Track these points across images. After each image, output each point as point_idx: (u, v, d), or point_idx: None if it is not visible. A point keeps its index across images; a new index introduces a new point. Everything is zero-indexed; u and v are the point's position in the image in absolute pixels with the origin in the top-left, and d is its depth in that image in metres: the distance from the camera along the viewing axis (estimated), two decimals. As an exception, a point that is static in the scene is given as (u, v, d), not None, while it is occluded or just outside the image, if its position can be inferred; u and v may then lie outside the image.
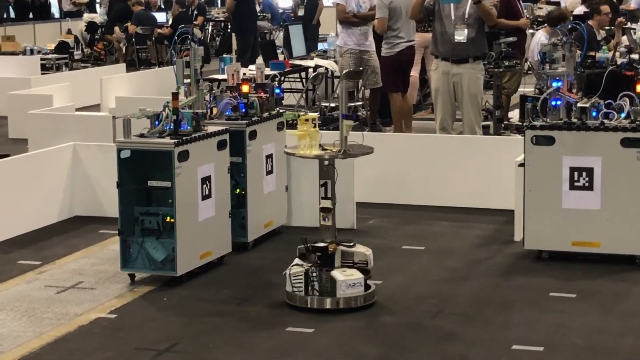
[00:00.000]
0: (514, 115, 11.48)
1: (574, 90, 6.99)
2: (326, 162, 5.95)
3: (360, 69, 10.93)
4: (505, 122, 10.81)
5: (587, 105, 6.54)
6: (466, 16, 8.92)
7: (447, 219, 7.74)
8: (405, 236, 7.34)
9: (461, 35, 8.89)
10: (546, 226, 6.56)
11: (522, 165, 6.67)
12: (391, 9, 10.33)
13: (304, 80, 11.97)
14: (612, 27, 12.25)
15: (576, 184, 6.49)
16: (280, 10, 22.55)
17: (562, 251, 6.56)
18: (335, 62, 11.48)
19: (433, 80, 9.24)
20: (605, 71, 8.27)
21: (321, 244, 5.94)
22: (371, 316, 5.68)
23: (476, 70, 9.09)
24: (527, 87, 11.52)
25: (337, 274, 5.79)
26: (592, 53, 10.52)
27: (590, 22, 11.80)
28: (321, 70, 11.55)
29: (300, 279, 5.80)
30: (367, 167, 7.88)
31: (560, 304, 5.82)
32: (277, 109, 7.36)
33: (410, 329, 5.49)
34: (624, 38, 11.39)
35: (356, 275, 5.80)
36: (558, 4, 18.28)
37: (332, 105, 10.23)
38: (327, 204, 6.01)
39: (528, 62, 11.86)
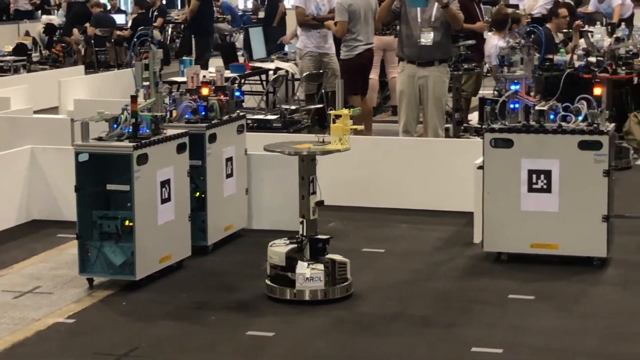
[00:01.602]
0: (474, 117, 11.54)
1: (532, 93, 7.03)
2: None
3: (321, 71, 10.97)
4: (465, 125, 10.86)
5: (545, 108, 6.58)
6: (432, 19, 8.94)
7: (407, 222, 7.76)
8: (365, 239, 7.35)
9: (427, 39, 8.91)
10: (505, 228, 6.59)
11: (481, 167, 6.70)
12: (350, 12, 10.34)
13: (264, 83, 11.96)
14: (570, 30, 12.34)
15: (534, 186, 6.53)
16: (240, 12, 22.51)
17: (520, 253, 6.60)
18: (296, 64, 11.48)
19: (398, 83, 9.25)
20: (563, 74, 8.34)
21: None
22: (332, 319, 5.68)
23: (442, 73, 9.12)
24: (487, 90, 11.57)
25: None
26: (550, 56, 10.60)
27: (548, 25, 11.89)
28: (281, 72, 11.54)
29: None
30: (327, 169, 7.86)
31: (519, 305, 5.85)
32: (237, 111, 7.35)
33: (371, 331, 5.49)
34: (582, 41, 11.48)
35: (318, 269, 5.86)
36: (516, 6, 18.40)
37: (293, 107, 10.21)
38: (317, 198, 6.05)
39: (487, 65, 11.93)
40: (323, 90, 11.18)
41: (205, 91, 7.07)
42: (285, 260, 5.92)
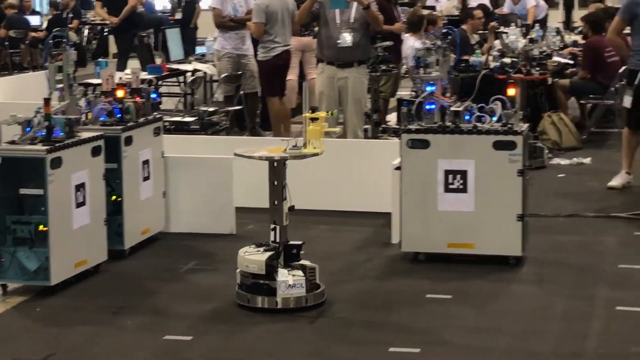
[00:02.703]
0: (392, 118, 11.62)
1: (448, 94, 7.10)
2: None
3: (239, 72, 10.94)
4: (383, 126, 10.92)
5: (460, 109, 6.65)
6: (352, 20, 8.97)
7: (326, 223, 7.77)
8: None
9: (347, 40, 8.94)
10: (422, 228, 6.65)
11: (398, 168, 6.75)
12: (268, 14, 10.32)
13: (182, 85, 11.88)
14: (486, 32, 12.50)
15: (451, 186, 6.59)
16: (158, 14, 22.32)
17: (438, 253, 6.66)
18: (214, 66, 11.43)
19: (318, 84, 9.27)
20: (478, 75, 8.44)
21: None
22: (249, 321, 5.66)
23: (361, 74, 9.17)
24: (404, 91, 11.66)
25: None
26: (466, 57, 10.73)
27: (464, 26, 12.05)
28: (199, 74, 11.48)
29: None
30: (246, 171, 7.85)
31: (436, 305, 5.90)
32: (154, 113, 7.29)
33: (290, 333, 5.49)
34: (497, 42, 11.63)
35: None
36: (433, 8, 18.58)
37: (211, 109, 10.17)
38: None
39: (404, 66, 12.02)
40: (242, 92, 11.16)
41: (120, 93, 6.99)
42: (265, 268, 5.79)
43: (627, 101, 8.74)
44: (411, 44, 10.98)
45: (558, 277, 6.38)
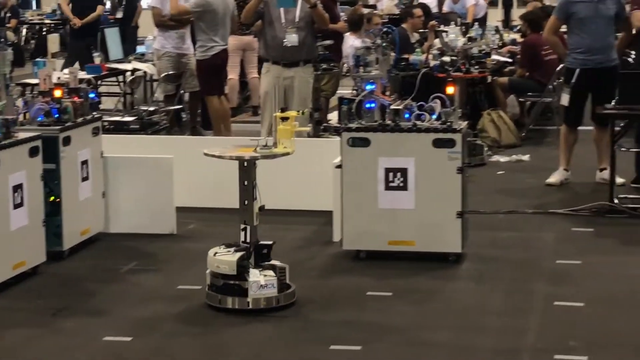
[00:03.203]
0: (333, 117, 11.61)
1: (388, 93, 7.14)
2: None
3: (179, 72, 10.89)
4: (324, 125, 10.92)
5: (400, 107, 6.68)
6: (297, 20, 8.95)
7: (268, 222, 7.67)
8: (225, 240, 7.25)
9: (293, 39, 8.93)
10: (363, 226, 6.67)
11: (339, 166, 6.76)
12: (209, 12, 10.26)
13: (121, 84, 11.79)
14: (426, 30, 12.58)
15: (391, 184, 6.62)
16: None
17: (379, 250, 6.69)
18: (154, 65, 11.36)
19: (263, 84, 9.23)
20: (419, 73, 8.50)
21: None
22: (189, 319, 5.64)
23: (307, 73, 9.17)
24: (346, 90, 11.68)
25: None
26: (406, 56, 10.78)
27: (404, 25, 12.10)
28: (139, 73, 11.41)
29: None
30: (187, 171, 7.84)
31: (377, 302, 5.93)
32: (93, 113, 7.23)
33: (230, 332, 5.48)
34: (437, 41, 11.71)
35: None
36: (374, 7, 18.65)
37: (151, 109, 10.11)
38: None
39: (345, 65, 12.05)
40: (182, 91, 11.11)
41: (58, 93, 6.92)
42: (236, 269, 5.74)
43: (565, 99, 8.85)
44: (351, 42, 11.01)
45: (497, 273, 6.45)
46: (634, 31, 9.03)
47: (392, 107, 6.67)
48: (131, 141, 8.44)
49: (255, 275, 5.74)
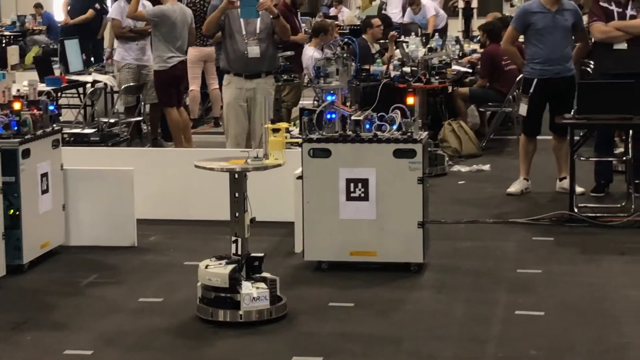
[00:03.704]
0: (295, 128, 11.62)
1: (349, 104, 7.15)
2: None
3: (140, 83, 10.86)
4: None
5: (361, 118, 6.70)
6: (258, 31, 8.95)
7: (229, 233, 7.72)
8: (187, 252, 7.30)
9: (255, 51, 8.92)
10: (325, 237, 6.67)
11: (300, 177, 6.77)
12: (169, 24, 10.24)
13: (82, 96, 11.74)
14: (387, 41, 12.63)
15: (352, 194, 6.63)
16: (60, 24, 21.99)
17: (340, 261, 6.69)
18: (114, 77, 11.32)
19: (226, 96, 9.21)
20: (379, 84, 8.53)
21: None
22: (151, 332, 5.61)
23: (269, 85, 9.18)
24: (307, 100, 11.71)
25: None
26: (367, 66, 10.82)
27: (364, 35, 12.14)
28: (99, 85, 11.36)
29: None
30: (148, 183, 7.81)
31: (339, 313, 5.93)
32: (53, 125, 7.18)
33: (189, 343, 5.45)
34: (397, 51, 11.76)
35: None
36: (335, 18, 18.71)
37: (112, 120, 10.08)
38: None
39: (307, 76, 12.07)
40: (142, 103, 11.08)
41: (17, 105, 6.88)
42: (228, 282, 5.70)
43: (523, 109, 8.92)
44: (311, 53, 11.03)
45: (458, 283, 6.48)
46: (592, 42, 9.12)
47: (353, 117, 6.69)
48: (91, 153, 8.40)
49: (248, 288, 5.71)
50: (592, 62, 10.00)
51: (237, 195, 5.87)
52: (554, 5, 8.80)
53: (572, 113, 8.37)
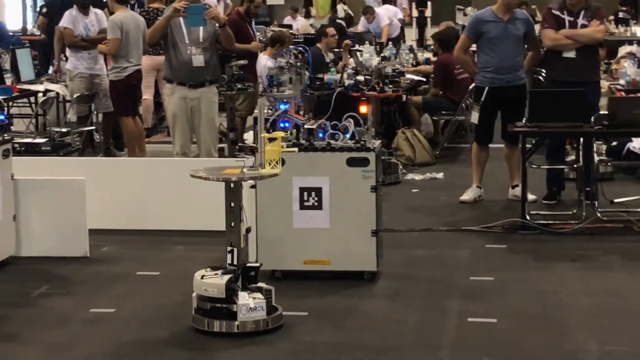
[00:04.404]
0: (249, 137, 11.61)
1: (302, 112, 7.16)
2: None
3: (92, 92, 10.79)
4: (240, 144, 10.92)
5: (314, 126, 6.70)
6: (201, 40, 8.93)
7: (182, 243, 7.71)
8: (140, 262, 7.25)
9: (199, 60, 8.89)
10: (278, 246, 6.66)
11: (253, 186, 6.75)
12: (122, 32, 10.20)
13: (33, 105, 11.63)
14: (341, 50, 12.66)
15: (306, 203, 6.63)
16: (12, 33, 21.79)
17: (294, 270, 6.68)
18: (66, 86, 11.23)
19: (170, 106, 9.16)
20: (334, 93, 8.54)
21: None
22: (102, 342, 5.56)
23: (213, 94, 9.15)
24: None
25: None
26: (321, 75, 10.83)
27: (318, 44, 12.17)
28: (51, 94, 11.26)
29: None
30: (100, 192, 7.75)
31: (293, 322, 5.90)
32: (4, 135, 7.11)
33: (149, 356, 5.41)
34: (351, 60, 11.79)
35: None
36: (290, 27, 18.72)
37: (64, 130, 9.99)
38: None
39: (261, 85, 12.05)
40: (95, 112, 11.00)
41: (-35, 115, 6.80)
42: (225, 292, 5.64)
43: (475, 117, 8.97)
44: (264, 62, 11.02)
45: (412, 291, 6.49)
46: (543, 50, 9.21)
47: (306, 126, 6.69)
48: (43, 163, 8.31)
49: (245, 298, 5.66)
50: (543, 70, 10.11)
51: (232, 204, 5.79)
52: (506, 14, 8.87)
53: (523, 121, 8.44)
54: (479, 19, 9.01)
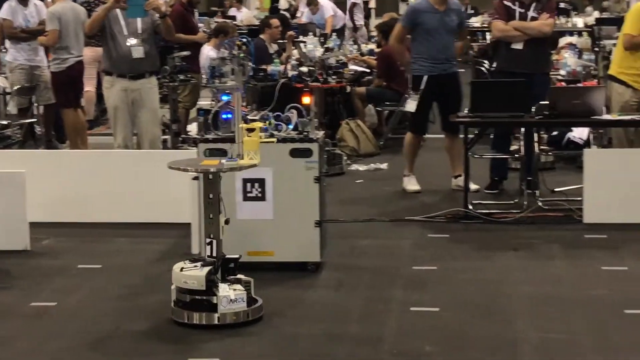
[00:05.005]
0: (193, 128, 11.54)
1: (245, 103, 7.11)
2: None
3: (33, 84, 10.66)
4: (183, 136, 10.86)
5: (257, 117, 6.68)
6: (139, 31, 8.85)
7: (125, 235, 7.66)
8: (81, 255, 7.19)
9: (138, 52, 8.82)
10: (222, 237, 6.62)
11: (196, 178, 6.71)
12: (61, 23, 10.09)
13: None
14: (284, 41, 12.65)
15: (249, 194, 6.61)
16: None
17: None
18: (6, 78, 11.09)
19: (111, 98, 9.04)
20: (277, 84, 8.51)
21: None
22: (43, 336, 5.50)
23: (153, 85, 9.08)
24: (206, 101, 11.61)
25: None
26: (265, 66, 10.81)
27: (262, 35, 12.14)
28: (-9, 87, 11.11)
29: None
30: (41, 185, 7.67)
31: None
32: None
33: (91, 349, 5.37)
34: (295, 51, 11.78)
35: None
36: (234, 18, 18.66)
37: (4, 122, 9.87)
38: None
39: (204, 76, 11.99)
40: (35, 104, 10.87)
41: None
42: (205, 284, 5.58)
43: (412, 106, 8.98)
44: (207, 53, 10.97)
45: (355, 281, 6.51)
46: (492, 40, 9.32)
47: (249, 117, 6.66)
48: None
49: (225, 290, 5.63)
50: (485, 61, 10.19)
51: (211, 196, 5.75)
52: (441, 5, 8.95)
53: (464, 111, 8.49)
54: (416, 9, 9.06)
